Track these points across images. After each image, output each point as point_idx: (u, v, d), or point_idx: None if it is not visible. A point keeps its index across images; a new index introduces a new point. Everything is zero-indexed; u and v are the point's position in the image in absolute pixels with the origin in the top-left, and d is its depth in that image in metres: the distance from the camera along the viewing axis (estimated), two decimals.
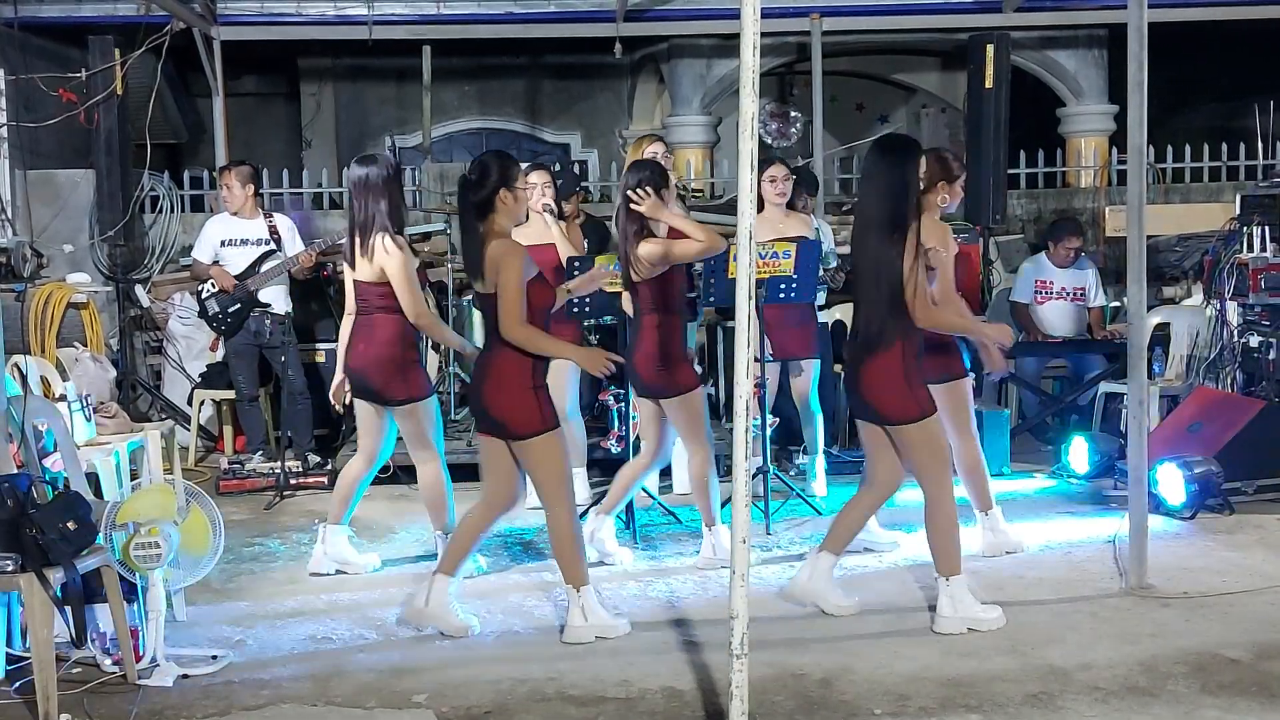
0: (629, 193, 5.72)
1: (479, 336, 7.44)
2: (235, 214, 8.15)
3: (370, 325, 5.82)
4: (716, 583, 5.68)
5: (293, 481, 7.72)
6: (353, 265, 5.83)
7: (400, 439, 6.03)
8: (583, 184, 10.02)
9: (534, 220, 7.05)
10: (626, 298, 6.06)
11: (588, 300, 6.57)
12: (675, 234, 5.86)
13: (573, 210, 7.38)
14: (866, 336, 5.03)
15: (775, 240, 6.83)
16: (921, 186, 5.40)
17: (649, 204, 5.67)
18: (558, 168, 7.44)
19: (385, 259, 5.70)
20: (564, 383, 7.03)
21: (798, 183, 7.86)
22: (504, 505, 5.13)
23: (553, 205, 6.92)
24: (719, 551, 5.88)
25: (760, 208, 7.34)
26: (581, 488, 7.19)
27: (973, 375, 7.61)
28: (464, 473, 6.29)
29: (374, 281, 5.76)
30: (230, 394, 8.51)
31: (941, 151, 5.99)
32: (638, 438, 6.63)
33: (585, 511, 6.73)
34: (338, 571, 5.97)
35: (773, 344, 6.96)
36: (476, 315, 7.87)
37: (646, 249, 5.72)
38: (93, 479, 5.83)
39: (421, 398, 5.81)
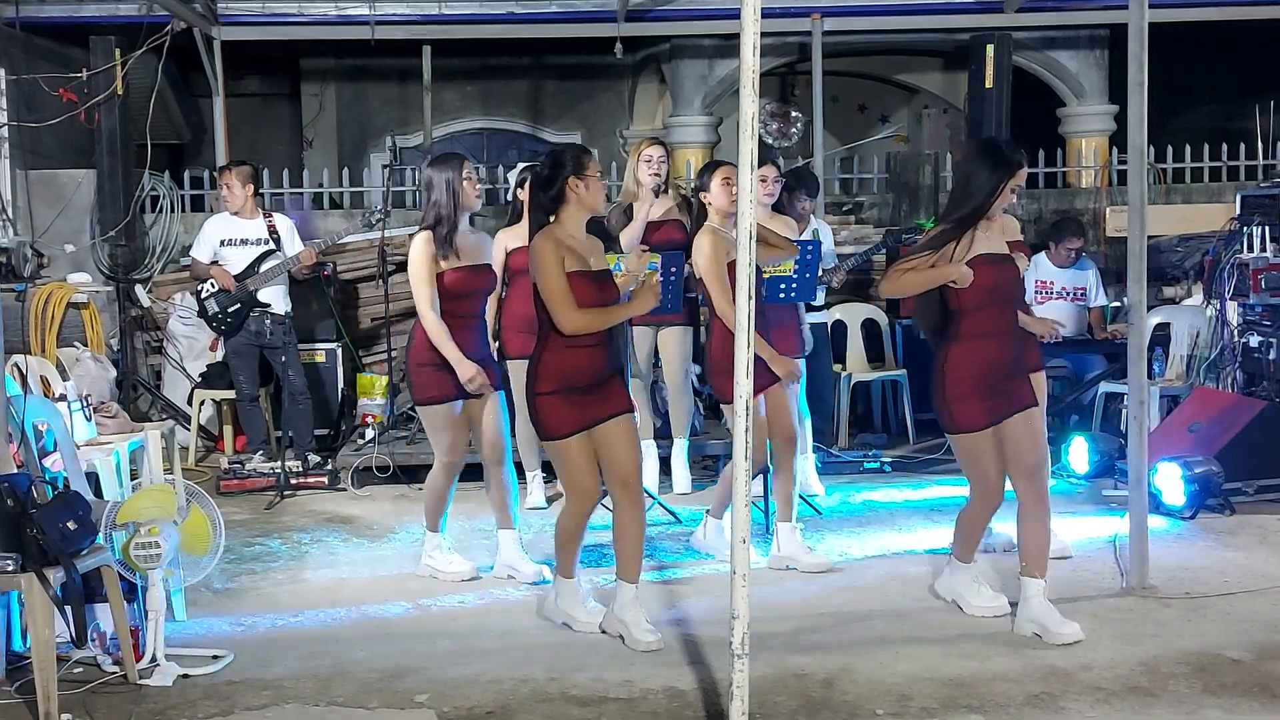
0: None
1: None
2: (236, 214, 8.15)
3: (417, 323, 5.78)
4: (716, 583, 5.67)
5: (293, 481, 7.72)
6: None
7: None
8: None
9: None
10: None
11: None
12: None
13: None
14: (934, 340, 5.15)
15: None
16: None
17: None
18: None
19: (410, 254, 5.67)
20: None
21: (796, 186, 7.86)
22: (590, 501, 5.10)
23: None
24: (784, 548, 5.98)
25: None
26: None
27: None
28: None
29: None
30: (230, 394, 8.51)
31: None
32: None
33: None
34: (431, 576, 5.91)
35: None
36: None
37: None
38: (93, 479, 5.83)
39: (422, 403, 5.73)
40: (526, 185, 7.01)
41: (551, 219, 4.91)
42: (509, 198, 10.14)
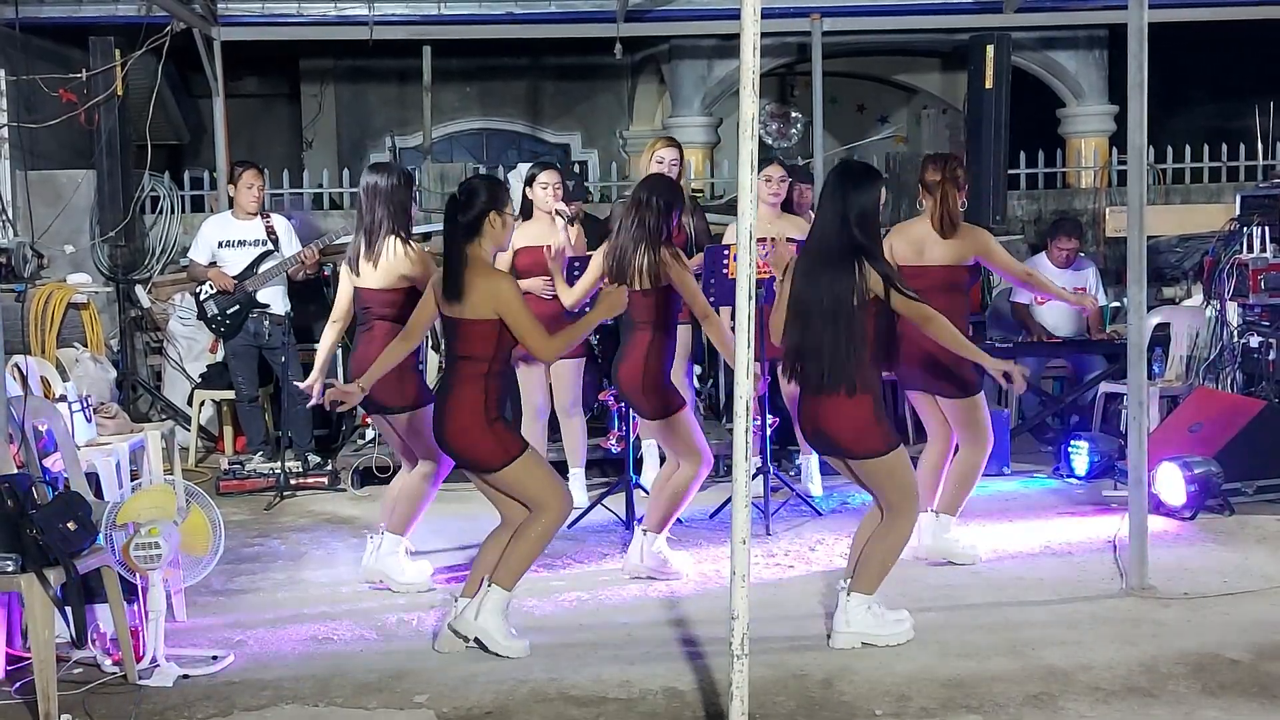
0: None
1: None
2: (252, 214, 8.15)
3: (370, 334, 5.71)
4: (716, 583, 5.68)
5: (292, 482, 7.72)
6: (356, 271, 5.76)
7: None
8: (585, 187, 10.04)
9: (539, 219, 7.06)
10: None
11: (587, 301, 6.57)
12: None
13: (576, 212, 7.39)
14: (825, 376, 4.82)
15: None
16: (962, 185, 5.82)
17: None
18: (573, 171, 7.44)
19: (402, 263, 5.61)
20: (567, 381, 7.03)
21: (794, 174, 7.88)
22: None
23: (565, 209, 6.93)
24: (646, 559, 5.82)
25: None
26: (579, 491, 7.17)
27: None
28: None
29: (378, 288, 5.70)
30: (230, 394, 8.51)
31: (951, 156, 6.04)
32: (638, 438, 6.63)
33: (581, 516, 6.74)
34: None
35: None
36: None
37: (677, 272, 5.59)
38: (93, 479, 5.83)
39: (415, 406, 5.63)
40: (535, 183, 7.04)
41: (466, 247, 4.86)
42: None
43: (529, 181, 7.10)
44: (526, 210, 7.13)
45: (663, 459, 7.43)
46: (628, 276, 5.62)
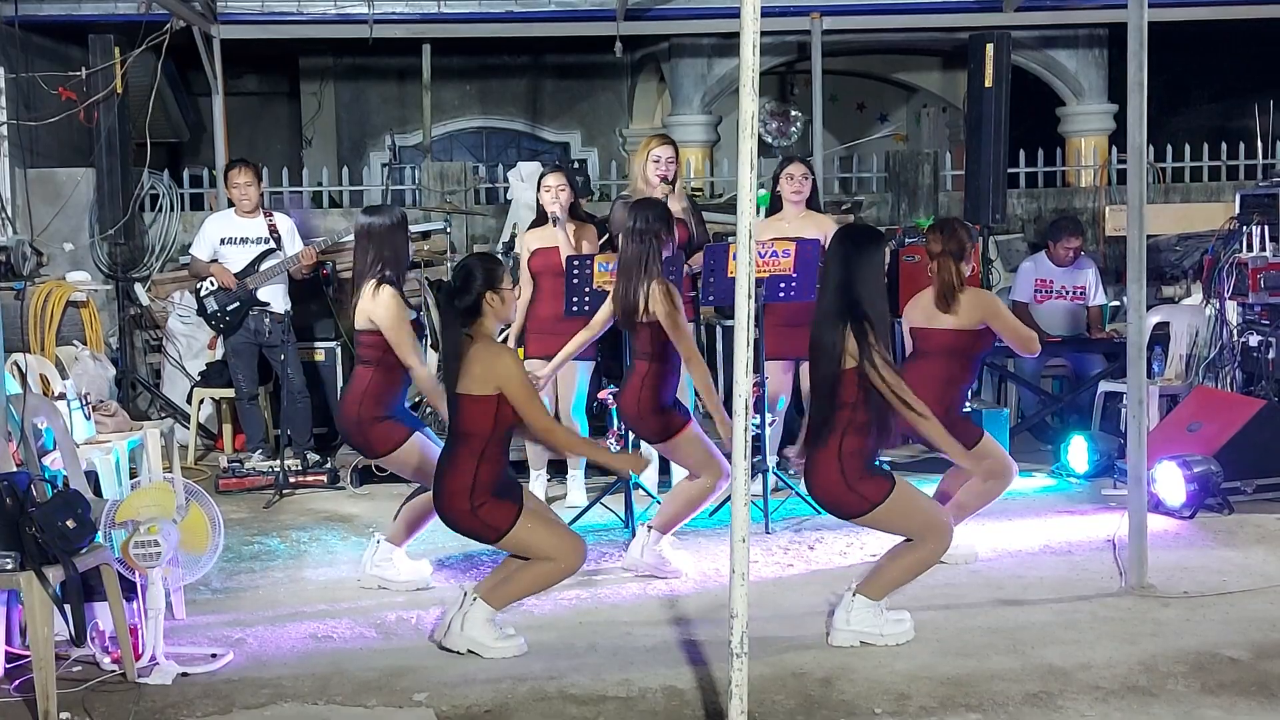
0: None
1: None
2: (250, 212, 8.16)
3: (353, 376, 5.77)
4: (716, 581, 5.68)
5: (292, 480, 7.72)
6: (351, 312, 5.76)
7: None
8: (586, 182, 10.03)
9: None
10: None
11: (586, 300, 6.57)
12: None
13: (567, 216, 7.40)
14: (816, 428, 4.91)
15: (775, 239, 6.82)
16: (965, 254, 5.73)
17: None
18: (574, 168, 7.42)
19: (372, 307, 5.59)
20: (574, 384, 7.03)
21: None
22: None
23: (558, 213, 6.93)
24: (647, 555, 5.81)
25: (778, 208, 7.33)
26: (577, 490, 7.17)
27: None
28: None
29: (361, 330, 5.69)
30: (230, 392, 8.51)
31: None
32: (637, 439, 6.63)
33: (579, 515, 6.74)
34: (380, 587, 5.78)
35: (782, 343, 6.94)
36: None
37: (666, 309, 5.53)
38: (92, 477, 5.83)
39: (389, 450, 5.62)
40: (540, 186, 7.03)
41: (467, 329, 4.84)
42: (508, 197, 10.18)
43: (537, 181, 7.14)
44: (541, 214, 7.13)
45: (664, 460, 7.45)
46: (636, 315, 5.63)
